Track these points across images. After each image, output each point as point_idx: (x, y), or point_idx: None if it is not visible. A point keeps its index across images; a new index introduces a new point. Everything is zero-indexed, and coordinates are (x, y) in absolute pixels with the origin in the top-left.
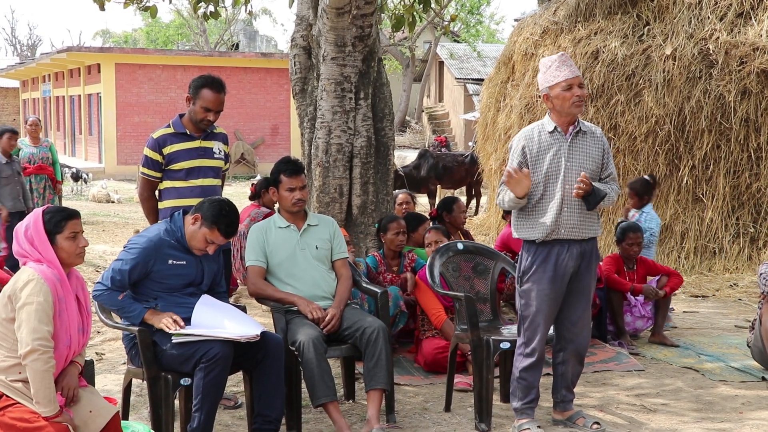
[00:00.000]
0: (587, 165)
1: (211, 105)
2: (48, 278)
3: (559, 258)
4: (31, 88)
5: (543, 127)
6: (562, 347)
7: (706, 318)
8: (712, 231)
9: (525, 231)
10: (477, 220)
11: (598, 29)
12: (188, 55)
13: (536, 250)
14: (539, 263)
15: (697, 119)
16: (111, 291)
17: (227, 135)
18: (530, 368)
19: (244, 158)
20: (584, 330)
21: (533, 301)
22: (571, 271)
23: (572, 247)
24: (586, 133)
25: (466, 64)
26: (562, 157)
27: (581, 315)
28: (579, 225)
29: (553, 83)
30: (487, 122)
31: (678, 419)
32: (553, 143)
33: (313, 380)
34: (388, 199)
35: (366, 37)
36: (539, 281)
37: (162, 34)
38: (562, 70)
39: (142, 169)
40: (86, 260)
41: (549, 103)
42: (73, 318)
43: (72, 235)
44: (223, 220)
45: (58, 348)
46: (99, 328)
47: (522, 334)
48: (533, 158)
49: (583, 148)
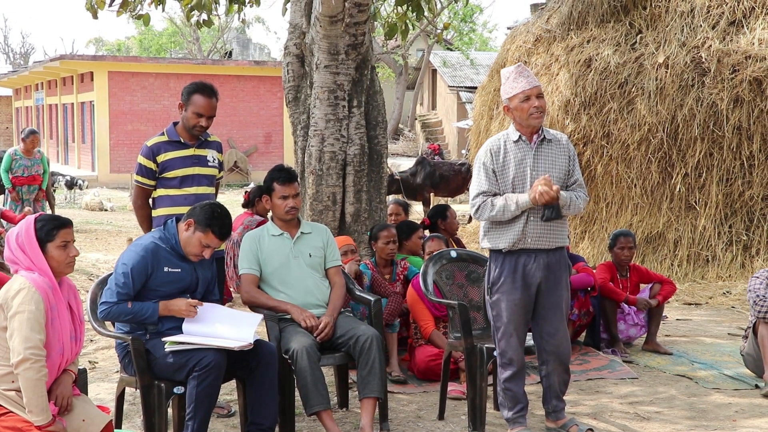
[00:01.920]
0: (553, 173)
1: (202, 110)
2: (39, 287)
3: (526, 268)
4: (24, 96)
5: (508, 137)
6: (545, 360)
7: (700, 326)
8: (705, 239)
9: (492, 240)
10: (470, 228)
11: (590, 37)
12: (181, 63)
13: (503, 259)
14: (507, 273)
15: (690, 127)
16: (118, 304)
17: (221, 143)
18: (512, 378)
19: (237, 166)
20: (563, 340)
21: (504, 312)
22: (538, 281)
23: (539, 257)
24: (552, 141)
25: (459, 72)
26: (528, 166)
27: (558, 326)
28: (546, 234)
29: (512, 95)
30: (480, 130)
31: (671, 427)
32: (518, 152)
33: (307, 388)
34: (381, 207)
35: (359, 45)
36: (508, 291)
37: (155, 42)
38: (519, 81)
39: (136, 177)
40: (79, 268)
41: (510, 114)
42: (66, 326)
43: (63, 244)
44: (217, 222)
45: (51, 356)
46: (92, 336)
47: (497, 345)
48: (499, 168)
49: (548, 156)
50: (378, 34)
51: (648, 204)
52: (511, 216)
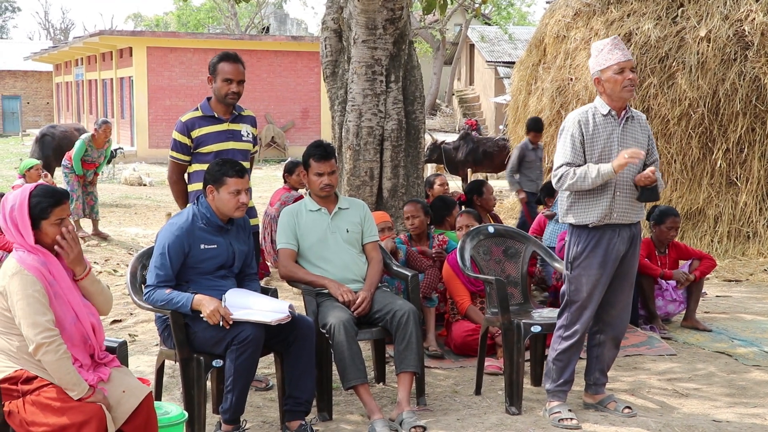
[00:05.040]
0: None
1: (231, 75)
2: (30, 266)
3: (611, 243)
4: (64, 72)
5: (597, 110)
6: (600, 330)
7: (740, 303)
8: (746, 215)
9: (577, 216)
10: (507, 204)
11: (631, 11)
12: (219, 39)
13: (588, 235)
14: (591, 248)
15: (732, 102)
16: (157, 288)
17: (255, 118)
18: (568, 350)
19: (275, 142)
20: (623, 314)
21: (584, 287)
22: (620, 256)
23: (622, 232)
24: (635, 119)
25: (497, 47)
26: (615, 141)
27: (623, 299)
28: (629, 209)
29: (605, 66)
30: (518, 105)
31: (710, 404)
32: (607, 126)
33: (344, 363)
34: (418, 182)
35: (397, 19)
36: (590, 266)
37: (193, 18)
38: (614, 53)
39: (171, 152)
40: (120, 242)
41: (600, 86)
42: (74, 295)
43: (58, 221)
44: (225, 167)
45: (65, 329)
46: (132, 310)
47: (564, 317)
48: (588, 140)
49: (632, 134)
50: (416, 9)
51: (688, 180)
52: (591, 185)
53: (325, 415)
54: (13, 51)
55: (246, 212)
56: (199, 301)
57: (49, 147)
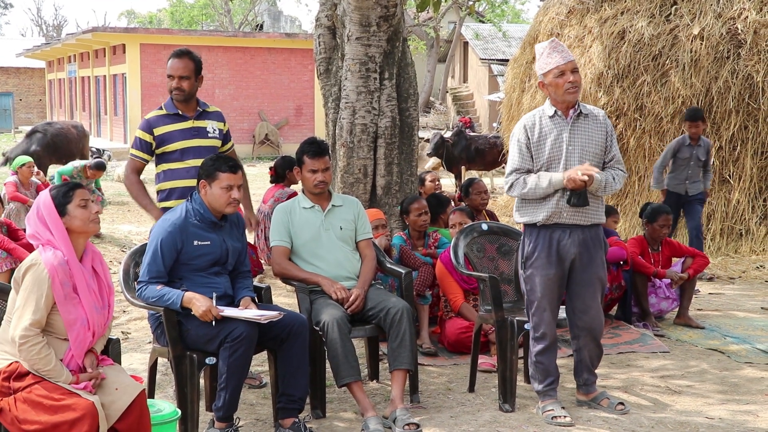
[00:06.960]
0: (589, 148)
1: (171, 71)
2: (49, 264)
3: (561, 243)
4: (56, 69)
5: (543, 113)
6: (576, 335)
7: (732, 300)
8: (739, 212)
9: (526, 215)
10: (501, 201)
11: (624, 9)
12: (213, 36)
13: (538, 234)
14: (541, 248)
15: (725, 100)
16: (149, 284)
17: (222, 113)
18: (544, 352)
19: (268, 139)
20: (596, 317)
21: (537, 286)
22: (572, 257)
23: (574, 233)
24: (588, 116)
25: (491, 45)
26: (564, 142)
27: (590, 304)
28: (582, 210)
29: (546, 70)
30: (512, 103)
31: (703, 401)
32: (554, 128)
33: (338, 360)
34: (412, 179)
35: (391, 16)
36: (542, 266)
37: (186, 15)
38: (552, 56)
39: (131, 149)
40: (112, 240)
41: (545, 89)
42: (88, 298)
43: (83, 203)
44: (219, 162)
45: (74, 329)
46: (125, 307)
47: (530, 319)
48: (534, 144)
49: (585, 132)
50: (410, 6)
51: None
52: (543, 194)
53: (318, 413)
54: (6, 48)
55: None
56: (189, 299)
57: (39, 143)
